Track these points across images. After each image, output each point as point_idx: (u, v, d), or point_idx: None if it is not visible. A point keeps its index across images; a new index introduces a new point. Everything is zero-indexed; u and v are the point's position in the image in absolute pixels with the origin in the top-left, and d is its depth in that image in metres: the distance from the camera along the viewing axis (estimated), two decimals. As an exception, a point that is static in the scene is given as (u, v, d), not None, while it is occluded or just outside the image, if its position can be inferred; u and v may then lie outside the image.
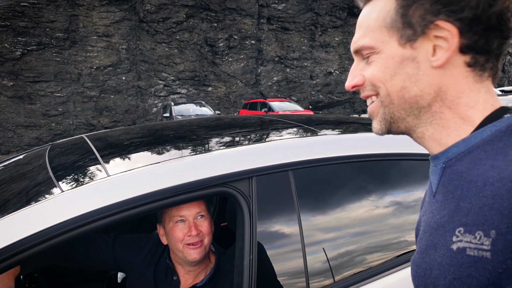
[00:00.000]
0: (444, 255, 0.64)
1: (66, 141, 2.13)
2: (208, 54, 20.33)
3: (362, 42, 0.73)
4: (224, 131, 2.02)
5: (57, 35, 17.59)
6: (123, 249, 1.70)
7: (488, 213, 0.58)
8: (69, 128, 17.79)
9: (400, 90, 0.70)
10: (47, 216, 1.14)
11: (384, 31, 0.70)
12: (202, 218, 1.55)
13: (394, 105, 0.72)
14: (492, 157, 0.62)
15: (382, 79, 0.71)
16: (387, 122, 0.74)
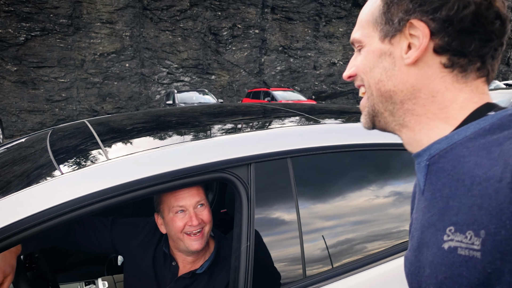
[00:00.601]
0: (435, 254, 0.65)
1: (68, 126, 2.14)
2: (212, 42, 20.24)
3: (354, 36, 0.78)
4: (225, 118, 2.03)
5: (60, 21, 17.52)
6: (121, 232, 1.71)
7: (478, 213, 0.58)
8: (72, 114, 17.81)
9: (377, 83, 0.74)
10: (48, 197, 1.15)
11: (371, 26, 0.74)
12: (202, 207, 1.55)
13: (373, 97, 0.75)
14: (475, 153, 0.62)
15: (364, 71, 0.75)
16: (370, 116, 0.77)
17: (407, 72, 0.70)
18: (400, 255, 1.53)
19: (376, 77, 0.74)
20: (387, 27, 0.72)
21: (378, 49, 0.73)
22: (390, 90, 0.72)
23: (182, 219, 1.53)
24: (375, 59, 0.74)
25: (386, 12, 0.72)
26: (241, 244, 1.33)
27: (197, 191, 1.55)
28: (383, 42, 0.73)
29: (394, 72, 0.71)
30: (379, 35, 0.73)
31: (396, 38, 0.71)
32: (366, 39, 0.75)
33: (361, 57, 0.76)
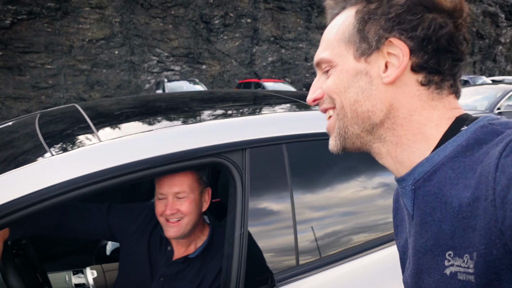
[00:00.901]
0: (438, 280, 0.64)
1: (57, 109, 2.10)
2: (203, 31, 20.06)
3: (321, 55, 0.74)
4: (217, 104, 2.00)
5: (48, 4, 17.18)
6: (118, 217, 1.70)
7: (472, 235, 0.58)
8: (59, 102, 17.55)
9: (353, 104, 0.70)
10: (37, 179, 1.12)
11: (342, 45, 0.71)
12: (183, 199, 1.52)
13: (348, 119, 0.71)
14: (463, 176, 0.61)
15: (337, 91, 0.71)
16: (341, 138, 0.73)
17: (385, 91, 0.69)
18: (385, 247, 1.53)
19: (352, 97, 0.70)
20: (364, 46, 0.69)
21: (353, 68, 0.70)
22: (368, 111, 0.70)
23: (161, 206, 1.54)
24: (349, 79, 0.70)
25: (361, 30, 0.69)
26: (234, 231, 1.32)
27: (180, 182, 1.52)
28: (359, 61, 0.70)
29: (372, 91, 0.69)
30: (354, 54, 0.70)
31: (373, 56, 0.69)
32: (337, 58, 0.72)
33: (333, 77, 0.72)
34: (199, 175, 1.58)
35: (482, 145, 0.61)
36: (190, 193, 1.54)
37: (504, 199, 0.53)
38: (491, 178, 0.55)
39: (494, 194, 0.54)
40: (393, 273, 1.45)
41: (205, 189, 1.61)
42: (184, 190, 1.53)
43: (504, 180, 0.54)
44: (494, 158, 0.56)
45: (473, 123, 0.65)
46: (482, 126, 0.63)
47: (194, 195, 1.55)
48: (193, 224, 1.56)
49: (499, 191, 0.54)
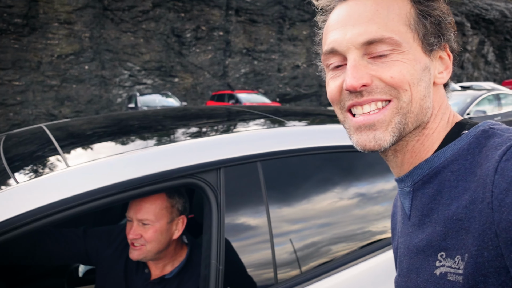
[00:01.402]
0: (427, 280, 0.64)
1: (24, 131, 2.03)
2: (175, 44, 19.99)
3: (388, 35, 0.63)
4: (191, 121, 1.98)
5: (15, 21, 16.80)
6: (94, 240, 1.67)
7: (465, 237, 0.58)
8: (28, 118, 17.09)
9: (422, 98, 0.66)
10: (0, 209, 1.07)
11: (409, 31, 0.65)
12: (147, 226, 1.48)
13: (413, 115, 0.65)
14: (463, 179, 0.62)
15: (411, 82, 0.64)
16: (399, 133, 0.66)
17: (435, 90, 0.70)
18: (369, 257, 1.54)
19: (422, 92, 0.65)
20: (431, 39, 0.66)
21: (423, 61, 0.66)
22: (428, 107, 0.67)
23: (128, 227, 1.52)
24: (421, 71, 0.65)
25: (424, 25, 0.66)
26: (210, 251, 1.29)
27: (145, 209, 1.47)
28: (425, 55, 0.66)
29: (430, 89, 0.67)
30: (421, 46, 0.66)
31: (433, 54, 0.68)
32: (406, 44, 0.64)
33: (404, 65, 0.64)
34: (171, 203, 1.52)
35: (482, 149, 0.62)
36: (156, 222, 1.48)
37: (502, 202, 0.54)
38: (490, 181, 0.56)
39: (492, 197, 0.55)
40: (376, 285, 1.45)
41: (177, 218, 1.54)
42: (149, 218, 1.47)
43: (503, 184, 0.54)
44: (493, 161, 0.57)
45: (474, 128, 0.66)
46: (483, 131, 0.64)
47: (160, 223, 1.49)
48: (158, 251, 1.52)
49: (497, 194, 0.54)
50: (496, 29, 28.71)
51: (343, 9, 0.67)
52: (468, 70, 27.48)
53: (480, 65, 28.24)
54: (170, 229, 1.52)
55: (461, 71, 27.06)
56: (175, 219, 1.53)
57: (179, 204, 1.54)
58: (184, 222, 1.56)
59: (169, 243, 1.54)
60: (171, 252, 1.58)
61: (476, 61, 28.16)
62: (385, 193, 1.68)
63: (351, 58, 0.65)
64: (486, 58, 28.59)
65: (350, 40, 0.65)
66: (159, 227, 1.49)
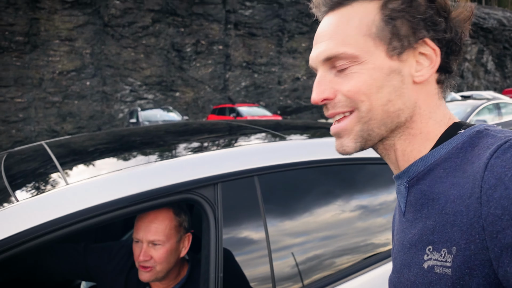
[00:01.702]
0: (417, 274, 0.66)
1: (25, 148, 2.05)
2: (175, 59, 20.15)
3: (342, 50, 0.68)
4: (190, 137, 2.00)
5: (17, 38, 16.99)
6: (95, 257, 1.66)
7: (451, 230, 0.60)
8: (30, 135, 17.17)
9: (386, 104, 0.68)
10: (0, 227, 1.08)
11: (369, 40, 0.68)
12: (157, 246, 1.46)
13: (375, 121, 0.69)
14: (452, 175, 0.64)
15: (368, 92, 0.67)
16: (363, 140, 0.70)
17: (414, 89, 0.69)
18: (371, 269, 1.54)
19: (385, 97, 0.68)
20: (396, 43, 0.67)
21: (387, 66, 0.67)
22: (399, 109, 0.68)
23: (136, 250, 1.49)
24: (383, 78, 0.67)
25: (393, 27, 0.67)
26: (209, 267, 1.30)
27: (155, 230, 1.46)
28: (392, 59, 0.68)
29: (403, 90, 0.68)
30: (386, 51, 0.67)
31: (405, 55, 0.68)
32: (364, 54, 0.67)
33: (361, 76, 0.67)
34: (179, 221, 1.51)
35: (474, 148, 0.63)
36: (166, 242, 1.47)
37: (490, 197, 0.55)
38: (479, 177, 0.58)
39: (480, 192, 0.57)
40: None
41: (184, 236, 1.53)
42: (160, 238, 1.46)
43: (492, 180, 0.56)
44: (484, 158, 0.59)
45: (470, 128, 0.67)
46: (478, 131, 0.66)
47: (170, 243, 1.47)
48: (167, 271, 1.50)
49: (486, 189, 0.56)
50: (494, 37, 28.89)
51: (319, 26, 0.74)
52: (468, 79, 27.58)
53: (480, 74, 28.35)
54: (178, 247, 1.51)
55: (461, 80, 27.16)
56: (182, 237, 1.52)
57: (185, 222, 1.53)
58: (190, 239, 1.54)
59: (176, 262, 1.53)
60: (176, 270, 1.57)
61: (476, 70, 28.27)
62: (387, 205, 1.69)
63: (318, 74, 0.72)
64: (486, 67, 28.71)
65: (316, 58, 0.72)
66: (169, 247, 1.47)
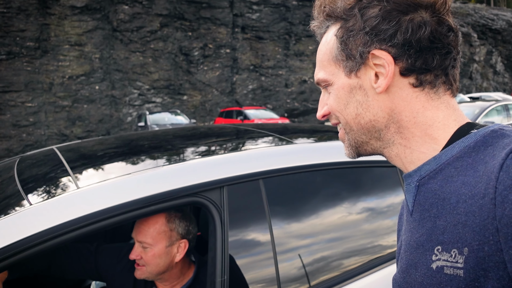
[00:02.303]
0: (425, 274, 0.65)
1: (36, 153, 2.10)
2: (183, 63, 20.26)
3: (318, 76, 0.77)
4: (198, 141, 2.03)
5: (27, 44, 17.21)
6: (105, 257, 1.71)
7: (462, 231, 0.59)
8: (40, 139, 17.36)
9: (356, 117, 0.74)
10: (15, 229, 1.12)
11: (332, 64, 0.75)
12: (147, 249, 1.50)
13: (354, 131, 0.75)
14: (462, 173, 0.63)
15: (338, 109, 0.75)
16: (353, 147, 0.77)
17: (382, 99, 0.71)
18: (377, 269, 1.55)
19: (353, 112, 0.73)
20: (350, 63, 0.72)
21: (346, 84, 0.73)
22: (370, 120, 0.72)
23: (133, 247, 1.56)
24: (346, 95, 0.74)
25: (344, 49, 0.72)
26: (215, 269, 1.32)
27: (144, 232, 1.50)
28: (350, 77, 0.73)
29: (369, 102, 0.72)
30: (344, 71, 0.73)
31: (362, 70, 0.72)
32: (331, 77, 0.75)
33: (332, 96, 0.76)
34: (170, 227, 1.52)
35: (487, 147, 0.63)
36: (154, 245, 1.50)
37: (505, 198, 0.55)
38: (494, 177, 0.57)
39: (495, 193, 0.56)
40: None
41: (177, 241, 1.54)
42: (147, 241, 1.49)
43: (507, 181, 0.55)
44: (499, 159, 0.58)
45: (484, 128, 0.67)
46: (492, 131, 0.65)
47: (158, 247, 1.50)
48: (157, 273, 1.53)
49: (501, 190, 0.55)
50: (503, 39, 28.65)
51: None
52: (477, 80, 27.37)
53: (488, 75, 28.11)
54: (169, 252, 1.52)
55: (470, 81, 26.96)
56: (175, 243, 1.53)
57: (179, 228, 1.54)
58: (186, 246, 1.55)
59: (170, 266, 1.55)
60: (176, 273, 1.60)
61: (485, 71, 28.05)
62: (394, 207, 1.70)
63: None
64: (495, 68, 28.47)
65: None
66: (157, 251, 1.50)
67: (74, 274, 1.73)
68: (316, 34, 0.81)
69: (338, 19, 0.73)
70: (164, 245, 1.51)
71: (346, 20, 0.71)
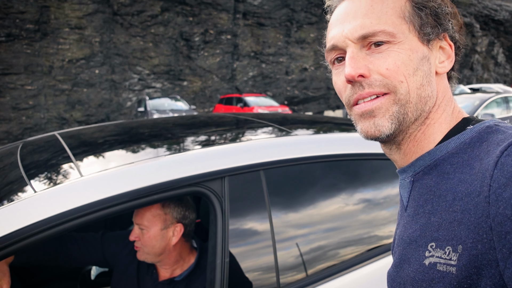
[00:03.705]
0: (417, 270, 0.65)
1: (38, 139, 2.11)
2: (184, 48, 20.14)
3: (381, 27, 0.66)
4: (199, 130, 2.05)
5: (27, 26, 17.07)
6: (111, 244, 1.78)
7: (457, 228, 0.59)
8: (40, 122, 17.34)
9: (419, 87, 0.67)
10: (19, 217, 1.14)
11: (404, 23, 0.67)
12: (143, 231, 1.58)
13: (412, 105, 0.67)
14: (459, 171, 0.63)
15: (406, 73, 0.66)
16: (398, 122, 0.68)
17: (438, 80, 0.72)
18: (371, 262, 1.59)
19: (419, 81, 0.67)
20: (427, 31, 0.68)
21: (420, 50, 0.68)
22: (428, 96, 0.68)
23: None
24: (418, 61, 0.67)
25: (420, 16, 0.68)
26: (216, 257, 1.35)
27: (140, 215, 1.57)
28: (423, 45, 0.69)
29: (431, 77, 0.69)
30: (418, 36, 0.68)
31: (433, 43, 0.70)
32: (401, 35, 0.67)
33: (398, 55, 0.66)
34: (164, 211, 1.59)
35: (482, 143, 0.63)
36: (149, 227, 1.57)
37: (499, 196, 0.55)
38: (488, 175, 0.57)
39: (489, 191, 0.56)
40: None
41: (172, 225, 1.60)
42: (142, 223, 1.57)
43: (502, 179, 0.55)
44: (494, 156, 0.58)
45: (479, 124, 0.67)
46: (487, 127, 0.65)
47: (153, 230, 1.57)
48: (154, 254, 1.60)
49: (495, 188, 0.55)
50: (506, 30, 28.46)
51: (342, 8, 0.72)
52: (477, 71, 27.26)
53: (490, 66, 28.00)
54: (165, 235, 1.59)
55: (471, 72, 26.86)
56: (170, 227, 1.60)
57: (174, 212, 1.60)
58: (182, 230, 1.61)
59: (167, 250, 1.61)
60: (175, 257, 1.65)
61: (486, 62, 27.92)
62: (391, 199, 1.72)
63: (349, 51, 0.69)
64: (496, 60, 28.34)
65: (347, 35, 0.69)
66: (152, 233, 1.57)
67: (82, 262, 1.78)
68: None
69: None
70: (159, 228, 1.58)
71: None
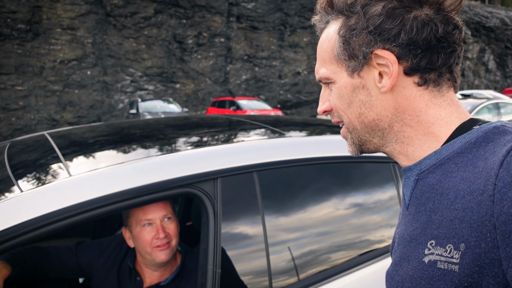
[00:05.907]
0: (416, 267, 0.65)
1: (27, 138, 2.07)
2: (177, 50, 20.08)
3: (320, 73, 0.76)
4: (191, 131, 2.02)
5: (18, 26, 16.92)
6: (86, 253, 1.71)
7: (459, 226, 0.59)
8: (30, 123, 17.16)
9: (359, 116, 0.73)
10: (5, 217, 1.11)
11: (334, 62, 0.73)
12: (169, 220, 1.55)
13: (358, 130, 0.75)
14: (462, 169, 0.63)
15: (342, 108, 0.74)
16: (356, 145, 0.77)
17: (386, 98, 0.70)
18: (366, 265, 1.57)
19: (356, 111, 0.73)
20: (353, 63, 0.70)
21: (349, 84, 0.72)
22: (374, 120, 0.72)
23: (149, 232, 1.53)
24: (349, 94, 0.72)
25: (346, 48, 0.70)
26: (207, 260, 1.33)
27: (164, 205, 1.55)
28: (353, 77, 0.71)
29: (373, 102, 0.71)
30: (346, 71, 0.72)
31: (365, 70, 0.70)
32: (333, 75, 0.73)
33: (334, 94, 0.74)
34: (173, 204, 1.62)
35: (488, 143, 0.62)
36: (173, 215, 1.58)
37: (504, 196, 0.55)
38: (494, 174, 0.57)
39: (494, 190, 0.56)
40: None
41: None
42: (170, 211, 1.57)
43: (507, 178, 0.55)
44: (500, 155, 0.58)
45: (486, 124, 0.66)
46: (494, 127, 0.65)
47: (175, 217, 1.60)
48: (177, 245, 1.59)
49: (500, 187, 0.55)
50: (496, 37, 28.80)
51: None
52: (469, 78, 27.54)
53: (480, 73, 28.30)
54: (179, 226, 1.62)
55: (462, 78, 27.11)
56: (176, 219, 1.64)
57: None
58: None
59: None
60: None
61: (477, 69, 28.22)
62: (382, 203, 1.71)
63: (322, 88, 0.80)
64: (487, 66, 28.66)
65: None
66: (176, 222, 1.59)
67: (57, 274, 1.74)
68: (317, 28, 0.79)
69: (340, 14, 0.71)
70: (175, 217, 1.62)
71: (348, 17, 0.70)
